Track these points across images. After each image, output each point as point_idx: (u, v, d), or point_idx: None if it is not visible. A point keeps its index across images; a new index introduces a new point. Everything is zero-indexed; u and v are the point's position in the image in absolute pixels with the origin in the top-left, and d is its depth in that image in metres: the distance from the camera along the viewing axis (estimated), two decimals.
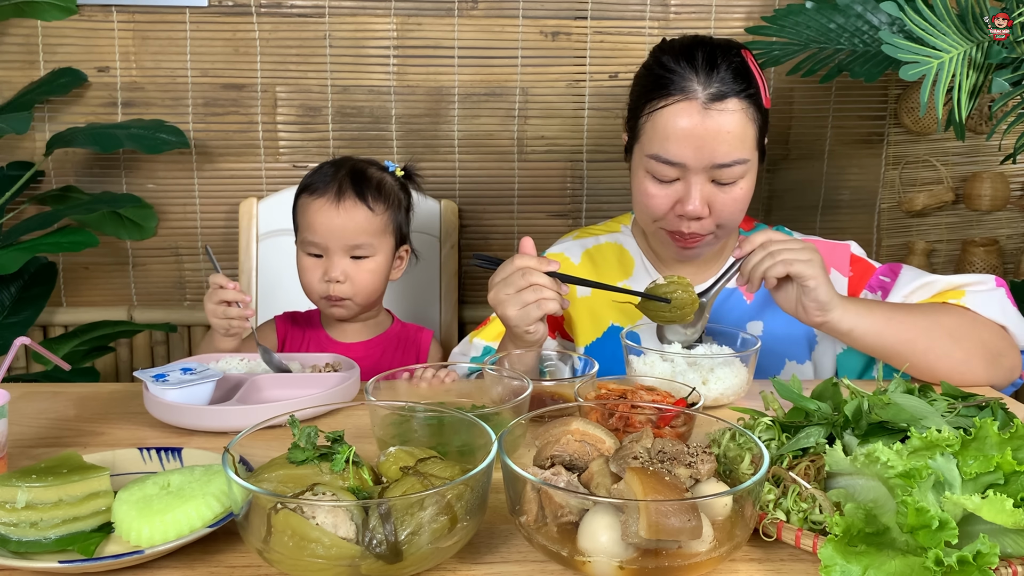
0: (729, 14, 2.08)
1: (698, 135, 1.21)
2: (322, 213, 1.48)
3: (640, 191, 1.29)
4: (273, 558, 0.67)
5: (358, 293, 1.51)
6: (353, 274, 1.50)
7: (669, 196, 1.27)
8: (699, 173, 1.24)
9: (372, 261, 1.52)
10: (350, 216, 1.49)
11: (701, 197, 1.24)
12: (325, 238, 1.49)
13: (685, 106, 1.22)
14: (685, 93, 1.22)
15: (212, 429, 1.04)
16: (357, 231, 1.49)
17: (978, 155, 2.20)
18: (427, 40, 2.04)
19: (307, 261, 1.52)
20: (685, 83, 1.23)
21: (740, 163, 1.24)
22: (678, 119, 1.22)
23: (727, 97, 1.22)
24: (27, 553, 0.73)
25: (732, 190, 1.26)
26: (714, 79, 1.22)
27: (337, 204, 1.48)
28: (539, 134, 2.11)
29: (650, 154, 1.25)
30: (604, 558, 0.66)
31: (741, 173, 1.25)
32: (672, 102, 1.23)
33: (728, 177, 1.24)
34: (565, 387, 1.08)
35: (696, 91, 1.22)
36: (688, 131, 1.22)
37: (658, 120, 1.24)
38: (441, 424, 0.88)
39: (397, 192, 1.57)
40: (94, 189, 2.03)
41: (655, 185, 1.27)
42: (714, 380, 1.12)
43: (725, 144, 1.22)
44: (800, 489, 0.78)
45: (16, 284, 1.96)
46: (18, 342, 0.97)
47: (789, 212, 2.21)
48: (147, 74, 2.02)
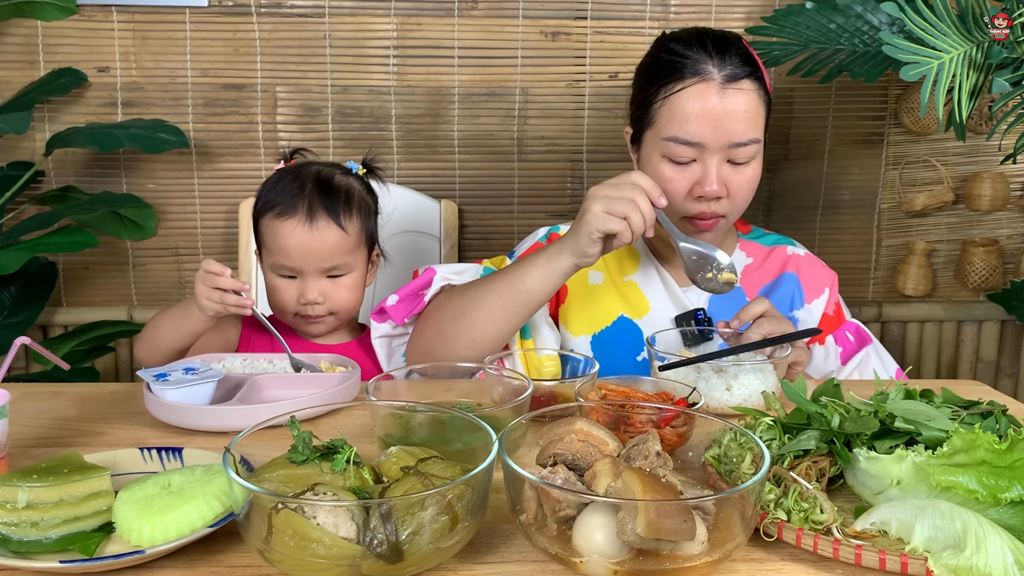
0: (729, 14, 2.08)
1: (717, 114, 1.24)
2: (294, 236, 1.40)
3: (657, 177, 1.29)
4: (274, 558, 0.67)
5: (339, 310, 1.46)
6: (331, 292, 1.44)
7: (686, 179, 1.28)
8: (716, 153, 1.26)
9: (349, 277, 1.45)
10: (324, 238, 1.40)
11: (719, 176, 1.26)
12: (299, 262, 1.41)
13: (703, 87, 1.25)
14: (702, 75, 1.25)
15: (213, 429, 1.04)
16: (333, 252, 1.42)
17: (978, 155, 2.21)
18: (427, 40, 2.05)
19: (278, 282, 1.44)
20: (700, 66, 1.26)
21: (754, 142, 1.27)
22: (697, 100, 1.25)
23: (741, 78, 1.25)
24: (28, 553, 0.73)
25: (745, 170, 1.28)
26: (727, 62, 1.25)
27: (310, 226, 1.39)
28: (539, 134, 2.11)
29: (668, 137, 1.27)
30: (599, 557, 0.66)
31: (754, 153, 1.28)
32: (690, 84, 1.26)
33: (743, 156, 1.27)
34: (565, 387, 1.08)
35: (712, 72, 1.25)
36: (708, 111, 1.24)
37: (675, 103, 1.27)
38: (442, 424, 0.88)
39: (365, 198, 1.49)
40: (94, 189, 2.03)
41: (672, 168, 1.29)
42: (738, 387, 1.12)
43: (742, 123, 1.25)
44: (801, 489, 0.78)
45: (16, 284, 1.96)
46: (18, 342, 0.97)
47: (789, 212, 2.21)
48: (147, 74, 2.02)
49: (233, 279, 1.25)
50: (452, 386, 1.14)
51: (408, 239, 1.98)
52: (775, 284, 1.43)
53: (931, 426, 0.83)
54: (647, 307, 1.39)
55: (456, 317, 1.26)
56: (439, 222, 2.00)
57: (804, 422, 0.88)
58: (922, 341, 2.31)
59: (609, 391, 1.02)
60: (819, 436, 0.84)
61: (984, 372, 2.33)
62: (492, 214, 2.15)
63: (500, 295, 1.24)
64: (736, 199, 1.30)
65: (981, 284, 2.23)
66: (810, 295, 1.43)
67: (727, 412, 1.09)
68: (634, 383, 1.06)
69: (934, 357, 2.32)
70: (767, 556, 0.76)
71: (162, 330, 1.36)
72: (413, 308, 1.36)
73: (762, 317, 1.19)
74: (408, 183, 2.08)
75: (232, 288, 1.25)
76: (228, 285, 1.25)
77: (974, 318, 2.30)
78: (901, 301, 2.28)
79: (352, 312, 1.51)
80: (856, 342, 1.43)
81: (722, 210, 1.29)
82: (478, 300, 1.25)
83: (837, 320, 1.44)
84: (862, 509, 0.79)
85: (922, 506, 0.73)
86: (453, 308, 1.27)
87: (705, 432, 0.88)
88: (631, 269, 1.44)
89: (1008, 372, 2.35)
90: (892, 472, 0.79)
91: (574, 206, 2.16)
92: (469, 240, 2.14)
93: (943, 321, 2.30)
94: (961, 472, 0.74)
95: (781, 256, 1.46)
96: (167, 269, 2.11)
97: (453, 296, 1.30)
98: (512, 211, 2.15)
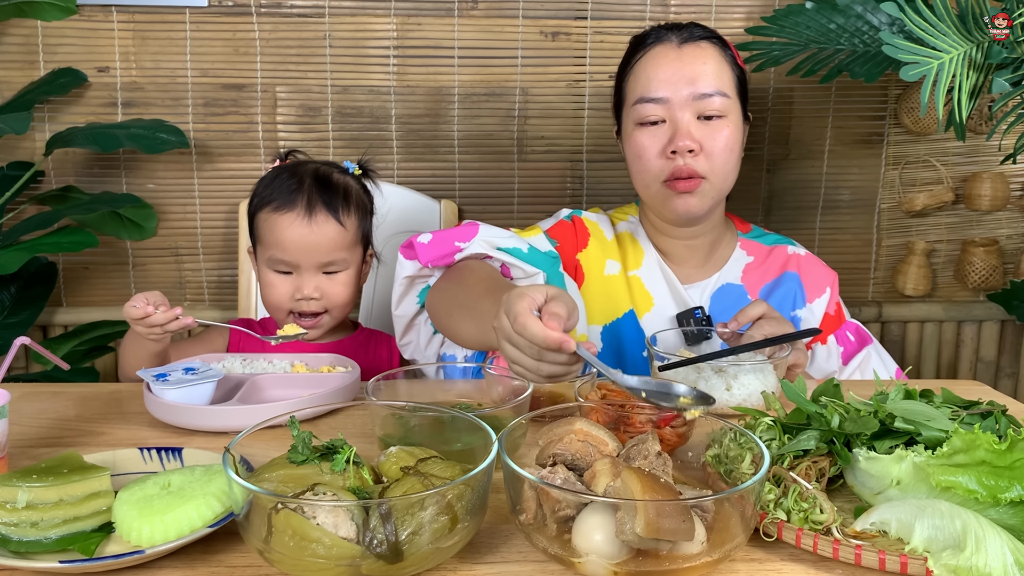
0: (729, 14, 2.08)
1: (675, 68, 1.31)
2: (292, 230, 1.40)
3: (633, 146, 1.34)
4: (274, 558, 0.67)
5: (333, 308, 1.46)
6: (327, 289, 1.44)
7: (659, 140, 1.31)
8: (684, 108, 1.30)
9: (345, 274, 1.46)
10: (323, 232, 1.41)
11: (688, 130, 1.29)
12: (297, 256, 1.41)
13: (661, 48, 1.34)
14: (660, 40, 1.34)
15: (212, 429, 1.04)
16: (331, 247, 1.42)
17: (978, 155, 2.20)
18: (427, 40, 2.04)
19: (273, 277, 1.44)
20: (660, 34, 1.36)
21: (721, 95, 1.30)
22: (656, 58, 1.33)
23: (700, 39, 1.34)
24: (28, 553, 0.73)
25: (720, 128, 1.31)
26: (686, 31, 1.35)
27: (308, 220, 1.40)
28: (539, 134, 2.11)
29: (635, 100, 1.33)
30: (598, 557, 0.66)
31: (724, 108, 1.31)
32: (651, 48, 1.35)
33: (711, 109, 1.30)
34: (565, 387, 1.08)
35: (671, 37, 1.34)
36: (668, 65, 1.32)
37: (639, 69, 1.35)
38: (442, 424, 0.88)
39: (362, 197, 1.50)
40: (94, 189, 2.03)
41: (645, 133, 1.32)
42: (738, 387, 1.12)
43: (703, 76, 1.31)
44: (801, 489, 0.78)
45: (16, 284, 1.96)
46: (18, 342, 0.97)
47: (789, 212, 2.21)
48: (147, 74, 2.02)
49: (163, 313, 1.19)
50: (452, 386, 1.14)
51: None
52: (777, 283, 1.43)
53: (931, 426, 0.83)
54: (651, 303, 1.40)
55: (446, 314, 1.24)
56: (439, 222, 2.00)
57: (804, 422, 0.88)
58: (922, 341, 2.31)
59: (609, 391, 1.02)
60: (819, 436, 0.84)
61: (984, 372, 2.33)
62: (492, 214, 2.15)
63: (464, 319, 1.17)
64: (713, 158, 1.30)
65: (981, 284, 2.23)
66: (812, 294, 1.43)
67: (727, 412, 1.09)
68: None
69: (934, 357, 2.32)
70: (767, 556, 0.76)
71: (129, 358, 1.36)
72: (442, 256, 1.31)
73: (761, 319, 1.18)
74: (408, 183, 2.08)
75: (165, 321, 1.20)
76: (160, 321, 1.20)
77: (974, 318, 2.30)
78: (901, 301, 2.28)
79: (346, 310, 1.51)
80: (857, 342, 1.43)
81: (700, 168, 1.29)
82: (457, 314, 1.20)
83: (838, 320, 1.44)
84: (862, 509, 0.79)
85: (922, 506, 0.73)
86: (446, 302, 1.25)
87: (705, 432, 0.88)
88: (636, 264, 1.44)
89: (1008, 372, 2.35)
90: (892, 472, 0.79)
91: (574, 206, 2.15)
92: None
93: (943, 321, 2.30)
94: (961, 472, 0.74)
95: (782, 255, 1.46)
96: (167, 269, 2.11)
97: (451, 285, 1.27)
98: (512, 211, 2.15)
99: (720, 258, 1.44)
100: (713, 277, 1.42)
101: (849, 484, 0.84)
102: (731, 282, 1.42)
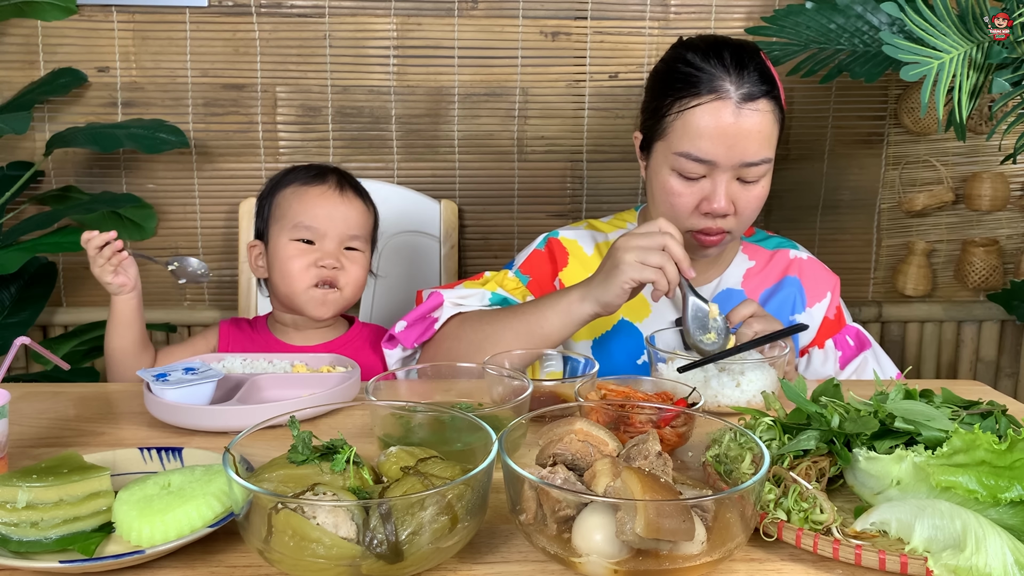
0: (729, 14, 2.08)
1: (731, 134, 1.22)
2: (323, 198, 1.46)
3: (665, 190, 1.29)
4: (274, 558, 0.67)
5: (349, 284, 1.46)
6: (347, 264, 1.46)
7: (694, 194, 1.27)
8: (726, 171, 1.24)
9: (362, 256, 1.49)
10: (353, 206, 1.48)
11: (727, 194, 1.25)
12: (325, 225, 1.44)
13: (719, 105, 1.22)
14: (718, 93, 1.22)
15: (212, 429, 1.04)
16: (357, 223, 1.48)
17: (978, 155, 2.21)
18: (427, 40, 2.05)
19: (294, 248, 1.44)
20: (717, 82, 1.23)
21: (766, 162, 1.26)
22: (712, 118, 1.22)
23: (757, 98, 1.23)
24: (27, 553, 0.73)
25: (754, 188, 1.27)
26: (744, 79, 1.23)
27: (340, 192, 1.47)
28: (539, 134, 2.11)
29: (679, 152, 1.25)
30: (599, 557, 0.66)
31: (764, 172, 1.27)
32: (706, 101, 1.23)
33: (753, 175, 1.26)
34: (565, 387, 1.08)
35: (729, 91, 1.22)
36: (722, 130, 1.22)
37: (689, 119, 1.24)
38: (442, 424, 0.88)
39: (374, 204, 1.55)
40: (94, 189, 2.03)
41: (681, 183, 1.27)
42: (746, 382, 1.12)
43: (755, 143, 1.23)
44: (801, 489, 0.78)
45: (16, 284, 1.96)
46: (18, 342, 0.97)
47: (789, 212, 2.21)
48: (147, 74, 2.02)
49: (101, 234, 1.33)
50: (452, 386, 1.14)
51: (408, 239, 1.98)
52: (777, 288, 1.43)
53: (931, 426, 0.83)
54: (648, 310, 1.40)
55: (470, 352, 1.25)
56: (439, 222, 2.00)
57: (804, 422, 0.88)
58: (922, 341, 2.31)
59: (609, 391, 1.02)
60: (819, 436, 0.84)
61: (984, 372, 2.33)
62: (492, 214, 2.15)
63: (516, 337, 1.23)
64: (743, 216, 1.29)
65: (981, 284, 2.23)
66: (811, 299, 1.43)
67: (727, 412, 1.09)
68: (634, 383, 1.06)
69: (934, 357, 2.32)
70: (767, 556, 0.76)
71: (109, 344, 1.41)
72: (422, 332, 1.35)
73: (751, 317, 1.19)
74: (408, 183, 2.08)
75: (102, 242, 1.33)
76: (99, 243, 1.33)
77: (974, 318, 2.30)
78: (901, 301, 2.28)
79: (355, 296, 1.51)
80: (856, 346, 1.42)
81: (728, 227, 1.28)
82: (494, 338, 1.24)
83: (837, 324, 1.44)
84: (862, 509, 0.79)
85: (922, 506, 0.73)
86: (467, 342, 1.27)
87: (705, 432, 0.88)
88: None
89: (1008, 372, 2.35)
90: (892, 472, 0.79)
91: (574, 206, 2.16)
92: (469, 240, 2.15)
93: (943, 321, 2.30)
94: (961, 472, 0.74)
95: (783, 260, 1.45)
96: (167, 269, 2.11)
97: (466, 328, 1.29)
98: (512, 211, 2.15)
99: (722, 263, 1.44)
100: (713, 282, 1.42)
101: (849, 484, 0.84)
102: (731, 287, 1.42)
